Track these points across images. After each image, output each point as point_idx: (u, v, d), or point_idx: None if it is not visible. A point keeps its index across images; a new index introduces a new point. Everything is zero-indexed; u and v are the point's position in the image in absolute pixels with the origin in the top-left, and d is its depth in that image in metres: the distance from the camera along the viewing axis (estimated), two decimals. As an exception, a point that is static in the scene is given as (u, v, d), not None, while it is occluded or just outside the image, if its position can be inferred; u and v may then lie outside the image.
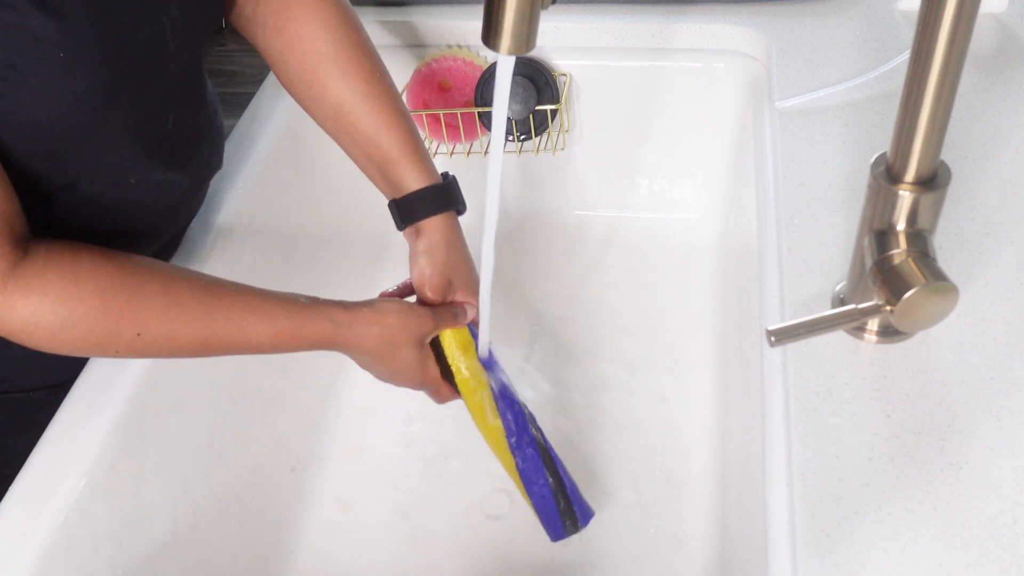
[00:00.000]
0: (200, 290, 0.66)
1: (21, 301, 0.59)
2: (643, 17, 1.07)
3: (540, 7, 0.56)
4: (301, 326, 0.68)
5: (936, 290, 0.58)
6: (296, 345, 0.69)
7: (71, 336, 0.61)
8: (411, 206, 0.78)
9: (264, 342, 0.68)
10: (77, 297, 0.60)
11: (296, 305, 0.69)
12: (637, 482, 0.92)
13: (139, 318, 0.63)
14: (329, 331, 0.69)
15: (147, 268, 0.65)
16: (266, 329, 0.67)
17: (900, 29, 1.00)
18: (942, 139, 0.58)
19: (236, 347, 0.67)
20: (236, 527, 0.85)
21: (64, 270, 0.61)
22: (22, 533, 0.64)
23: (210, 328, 0.65)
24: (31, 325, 0.60)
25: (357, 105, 0.77)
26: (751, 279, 0.83)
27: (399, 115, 0.79)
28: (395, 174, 0.78)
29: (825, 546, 0.56)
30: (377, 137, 0.78)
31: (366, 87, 0.78)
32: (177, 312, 0.64)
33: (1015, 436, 0.60)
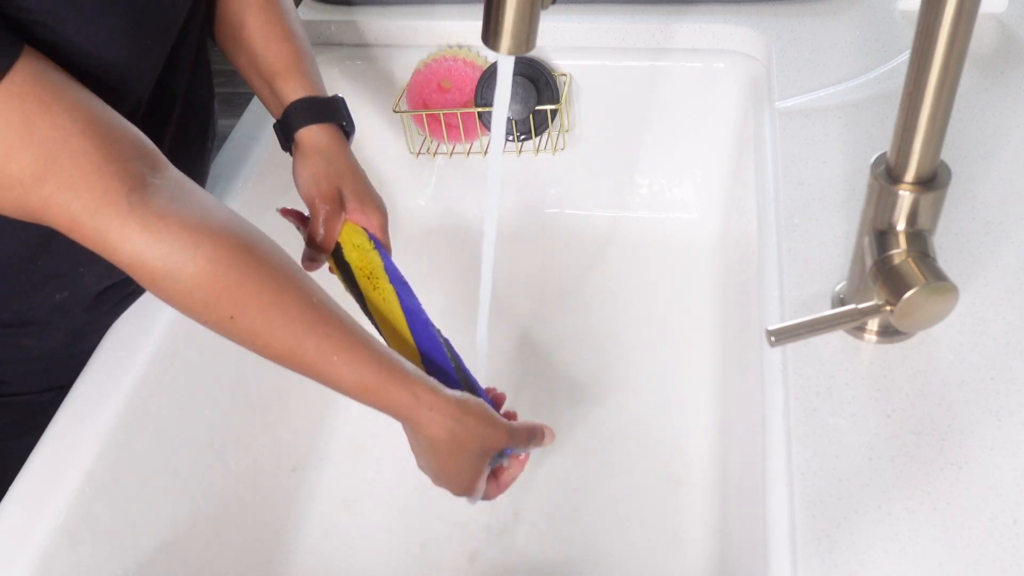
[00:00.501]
0: (308, 306, 0.63)
1: (137, 235, 0.57)
2: (643, 17, 1.07)
3: (540, 7, 0.56)
4: (385, 389, 0.66)
5: (936, 290, 0.58)
6: (372, 402, 0.67)
7: (171, 288, 0.60)
8: (289, 117, 0.78)
9: (341, 383, 0.65)
10: (190, 256, 0.58)
11: (389, 365, 0.66)
12: (637, 482, 0.92)
13: (239, 303, 0.61)
14: (408, 403, 0.66)
15: (271, 256, 0.63)
16: (351, 375, 0.65)
17: (900, 29, 1.00)
18: (942, 139, 0.58)
19: (317, 376, 0.65)
20: (236, 527, 0.85)
21: (188, 221, 0.59)
22: (22, 533, 0.64)
23: (301, 345, 0.63)
24: (138, 262, 0.58)
25: (249, 21, 0.79)
26: (751, 279, 0.83)
27: (289, 31, 0.80)
28: (278, 86, 0.78)
29: (825, 546, 0.56)
30: (265, 51, 0.79)
31: (260, 3, 0.80)
32: (277, 315, 0.62)
33: (1015, 436, 0.60)
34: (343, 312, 0.66)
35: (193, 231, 0.59)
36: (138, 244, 0.57)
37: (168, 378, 0.77)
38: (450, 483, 0.73)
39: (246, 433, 0.88)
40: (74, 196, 0.55)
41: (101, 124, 0.57)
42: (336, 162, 0.78)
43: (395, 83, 1.14)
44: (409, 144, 1.15)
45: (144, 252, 0.58)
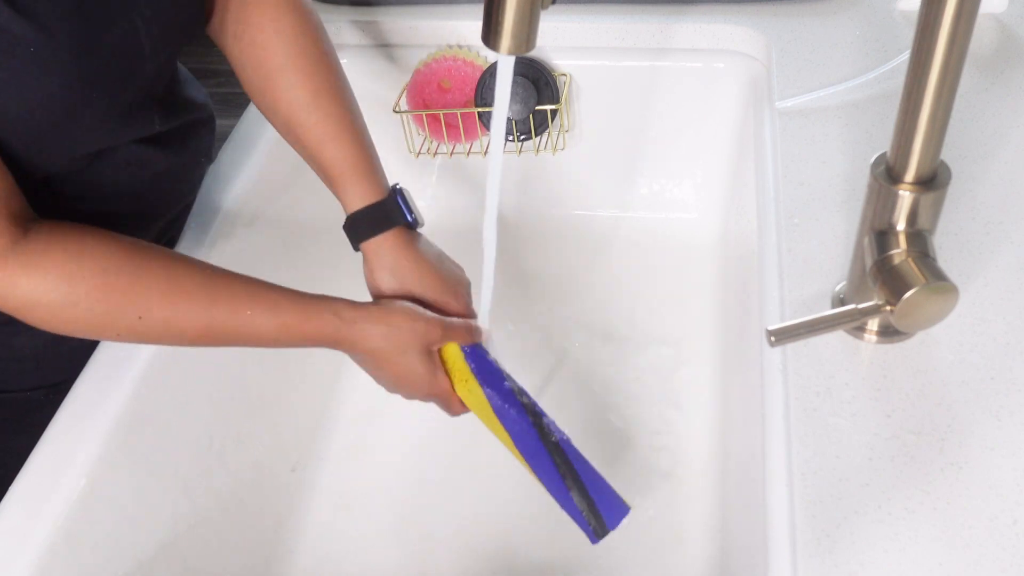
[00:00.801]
0: (204, 277, 0.65)
1: (23, 278, 0.59)
2: (643, 17, 1.07)
3: (540, 7, 0.56)
4: (305, 319, 0.67)
5: (936, 290, 0.58)
6: (299, 339, 0.68)
7: (72, 315, 0.61)
8: (352, 229, 0.76)
9: (266, 333, 0.67)
10: (79, 276, 0.60)
11: (302, 298, 0.68)
12: (637, 482, 0.92)
13: (141, 301, 0.62)
14: (333, 326, 0.68)
15: (152, 252, 0.65)
16: (269, 320, 0.66)
17: (900, 29, 1.00)
18: (942, 139, 0.58)
19: (238, 337, 0.67)
20: (236, 527, 0.85)
21: (68, 249, 0.61)
22: (22, 533, 0.64)
23: (212, 315, 0.65)
24: (32, 302, 0.60)
25: (303, 119, 0.75)
26: (751, 279, 0.83)
27: (345, 130, 0.76)
28: (339, 191, 0.76)
29: (825, 546, 0.56)
30: (322, 153, 0.75)
31: (312, 99, 0.75)
32: (180, 297, 0.64)
33: (1015, 436, 0.60)
34: (242, 275, 0.67)
35: (75, 254, 0.61)
36: (27, 285, 0.59)
37: (168, 378, 0.77)
38: (410, 389, 0.73)
39: (246, 433, 0.88)
40: None
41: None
42: (400, 270, 0.75)
43: (395, 83, 1.14)
44: (409, 144, 1.15)
45: (35, 290, 0.60)
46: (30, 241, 0.60)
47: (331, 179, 0.76)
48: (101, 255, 0.62)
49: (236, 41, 0.76)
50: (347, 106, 0.77)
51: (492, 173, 0.66)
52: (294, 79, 0.75)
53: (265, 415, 0.93)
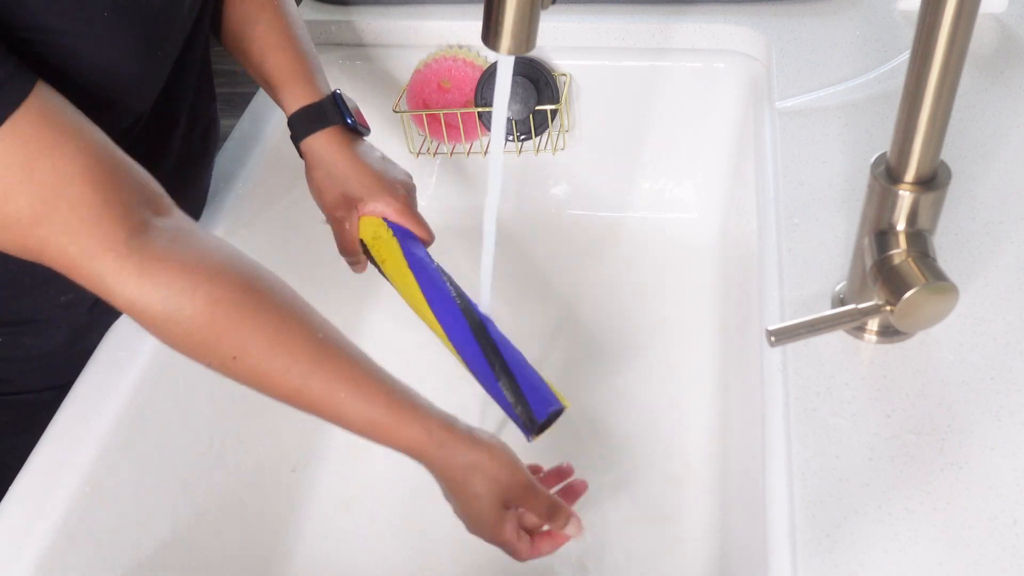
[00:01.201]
0: (313, 343, 0.62)
1: (134, 280, 0.57)
2: (643, 17, 1.07)
3: (540, 7, 0.56)
4: (395, 424, 0.63)
5: (936, 290, 0.58)
6: (383, 441, 0.64)
7: (171, 331, 0.59)
8: (292, 130, 0.78)
9: (353, 423, 0.64)
10: (189, 299, 0.58)
11: (400, 401, 0.64)
12: (637, 482, 0.92)
13: (242, 344, 0.60)
14: (420, 442, 0.64)
15: (273, 293, 0.62)
16: (360, 412, 0.63)
17: (900, 29, 1.00)
18: (942, 139, 0.58)
19: (324, 414, 0.64)
20: (236, 527, 0.85)
21: (186, 263, 0.58)
22: (22, 533, 0.64)
23: (307, 385, 0.62)
24: (137, 305, 0.58)
25: (248, 31, 0.79)
26: (751, 279, 0.83)
27: (288, 40, 0.79)
28: (279, 99, 0.79)
29: (825, 546, 0.56)
30: (263, 62, 0.78)
31: (257, 12, 0.79)
32: (281, 353, 0.61)
33: (1015, 436, 0.60)
34: (351, 347, 0.64)
35: (191, 273, 0.58)
36: (136, 289, 0.57)
37: (168, 378, 0.77)
38: (474, 527, 0.70)
39: (246, 433, 0.88)
40: (70, 240, 0.55)
41: (103, 168, 0.56)
42: (336, 167, 0.77)
43: (395, 83, 1.14)
44: (409, 144, 1.15)
45: (142, 296, 0.57)
46: (149, 238, 0.57)
47: (273, 87, 0.79)
48: (218, 283, 0.59)
49: None
50: (289, 18, 0.80)
51: (492, 173, 0.66)
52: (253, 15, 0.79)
53: (265, 415, 0.92)
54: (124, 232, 0.56)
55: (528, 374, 0.72)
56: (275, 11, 0.79)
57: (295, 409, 0.64)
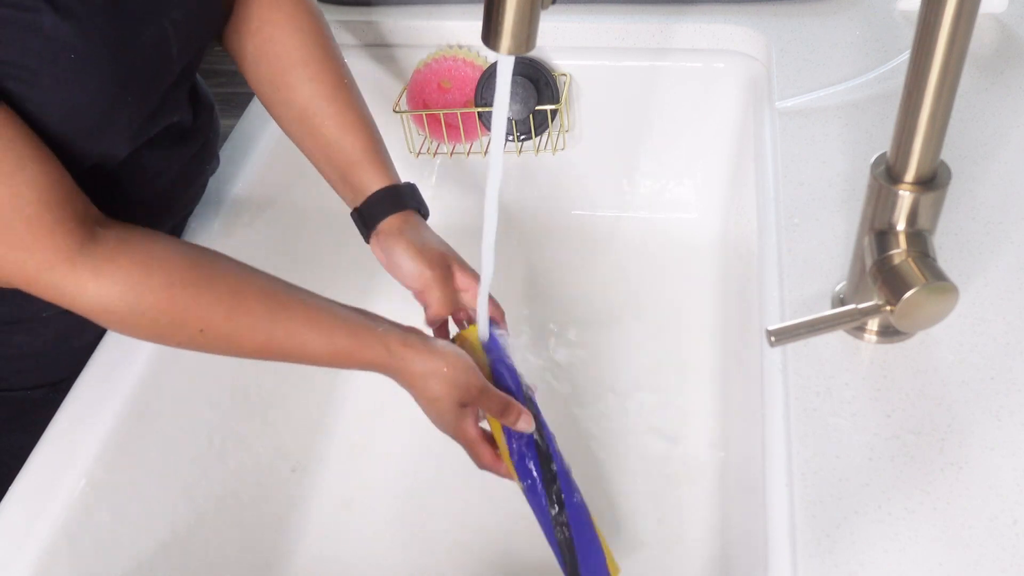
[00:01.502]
0: (268, 296, 0.67)
1: (91, 282, 0.61)
2: (643, 17, 1.07)
3: (540, 7, 0.56)
4: (358, 348, 0.69)
5: (936, 290, 0.58)
6: (350, 364, 0.70)
7: (137, 322, 0.63)
8: (372, 208, 0.78)
9: (320, 357, 0.69)
10: (146, 287, 0.62)
11: (357, 326, 0.69)
12: (637, 482, 0.92)
13: (204, 315, 0.64)
14: (383, 358, 0.69)
15: (218, 265, 0.66)
16: (324, 346, 0.68)
17: (900, 29, 1.00)
18: (942, 139, 0.58)
19: (293, 357, 0.68)
20: (236, 527, 0.85)
21: (135, 258, 0.62)
22: (22, 533, 0.64)
23: (271, 335, 0.66)
24: (100, 308, 0.62)
25: (323, 109, 0.79)
26: (751, 279, 0.83)
27: (363, 120, 0.80)
28: (356, 176, 0.79)
29: (825, 546, 0.56)
30: (340, 141, 0.79)
31: (332, 92, 0.79)
32: (242, 313, 0.65)
33: (1015, 436, 0.60)
34: (303, 292, 0.69)
35: (141, 264, 0.62)
36: (95, 290, 0.61)
37: (168, 378, 0.77)
38: (439, 425, 0.75)
39: (246, 433, 0.88)
40: (28, 255, 0.59)
41: (56, 190, 0.60)
42: (426, 235, 0.78)
43: (395, 83, 1.14)
44: (409, 144, 1.15)
45: (103, 297, 0.61)
46: (98, 244, 0.61)
47: (350, 164, 0.79)
48: (169, 267, 0.63)
49: (252, 37, 0.79)
50: (361, 100, 0.82)
51: (492, 173, 0.66)
52: (314, 72, 0.79)
53: (265, 415, 0.93)
54: (76, 242, 0.60)
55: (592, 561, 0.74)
56: (349, 93, 0.80)
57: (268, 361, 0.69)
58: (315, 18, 0.81)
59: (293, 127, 0.81)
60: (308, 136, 0.80)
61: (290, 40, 0.79)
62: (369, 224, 0.79)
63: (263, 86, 0.80)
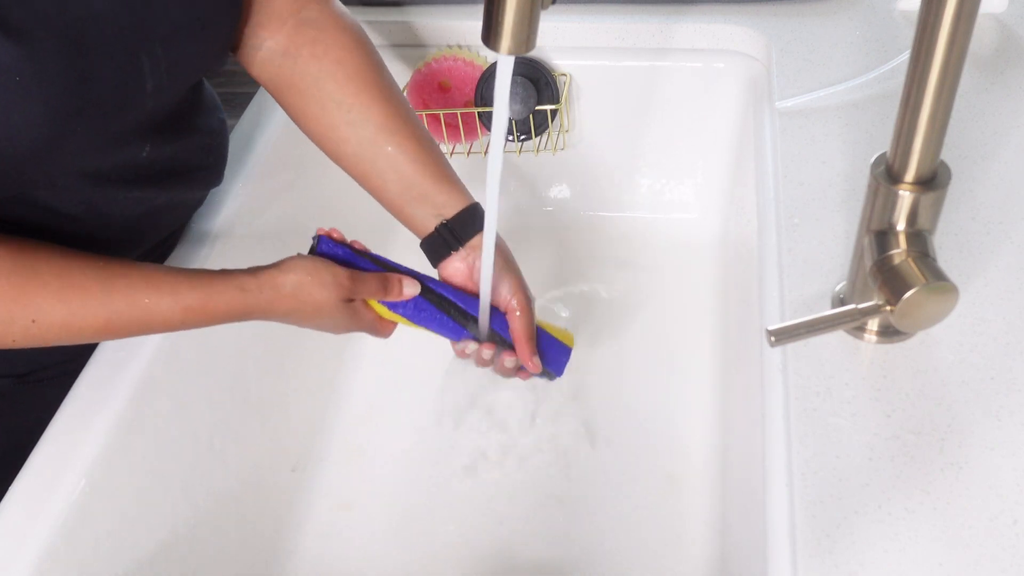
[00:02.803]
0: (98, 270, 0.63)
1: None
2: (643, 17, 1.07)
3: (540, 7, 0.56)
4: (208, 298, 0.65)
5: (936, 290, 0.58)
6: (207, 319, 0.66)
7: None
8: (464, 224, 0.76)
9: (171, 318, 0.65)
10: None
11: (202, 277, 0.65)
12: (637, 482, 0.92)
13: (33, 303, 0.60)
14: (239, 300, 0.66)
15: (43, 252, 0.62)
16: (172, 305, 0.64)
17: (900, 29, 1.00)
18: (942, 139, 0.58)
19: (141, 326, 0.65)
20: (236, 527, 0.85)
21: None
22: (22, 533, 0.64)
23: (110, 308, 0.62)
24: None
25: (400, 127, 0.76)
26: (751, 279, 0.83)
27: (431, 138, 0.78)
28: (444, 194, 0.76)
29: (825, 546, 0.56)
30: (422, 159, 0.76)
31: (405, 110, 0.77)
32: (73, 294, 0.61)
33: (1015, 436, 0.60)
34: (137, 263, 0.65)
35: None
36: None
37: (168, 378, 0.77)
38: (338, 330, 0.73)
39: (246, 433, 0.88)
40: None
41: None
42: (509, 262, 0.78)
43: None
44: (409, 144, 1.15)
45: None
46: None
47: (439, 180, 0.76)
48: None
49: (317, 61, 0.75)
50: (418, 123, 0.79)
51: (492, 173, 0.66)
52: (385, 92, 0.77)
53: (265, 415, 0.93)
54: None
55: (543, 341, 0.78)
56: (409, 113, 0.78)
57: (118, 339, 0.65)
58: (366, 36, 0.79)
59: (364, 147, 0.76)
60: (381, 157, 0.76)
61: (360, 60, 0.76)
62: (462, 238, 0.76)
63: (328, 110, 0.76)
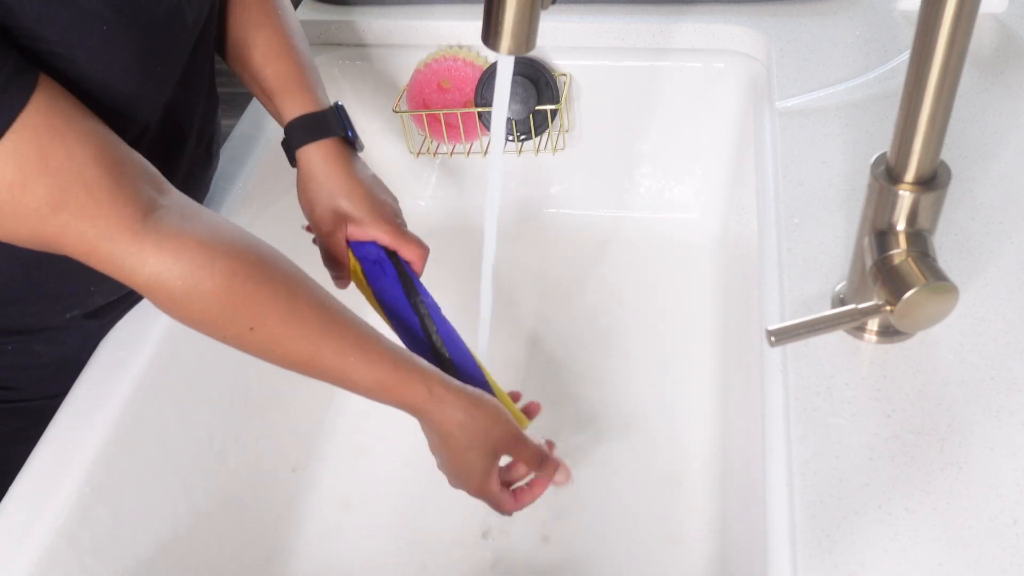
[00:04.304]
0: (323, 310, 0.65)
1: (154, 255, 0.58)
2: (643, 17, 1.07)
3: (540, 7, 0.56)
4: (400, 383, 0.67)
5: (936, 290, 0.58)
6: (388, 399, 0.68)
7: (190, 305, 0.61)
8: (289, 136, 0.77)
9: (360, 384, 0.67)
10: (208, 272, 0.60)
11: (402, 361, 0.67)
12: (637, 482, 0.92)
13: (259, 314, 0.62)
14: (422, 398, 0.67)
15: (279, 265, 0.64)
16: (368, 373, 0.66)
17: (900, 29, 1.00)
18: (942, 139, 0.58)
19: (335, 378, 0.67)
20: (236, 527, 0.85)
21: (201, 239, 0.60)
22: (22, 533, 0.64)
23: (319, 350, 0.64)
24: (157, 282, 0.59)
25: (251, 37, 0.78)
26: (751, 279, 0.83)
27: (289, 48, 0.79)
28: (277, 104, 0.78)
29: (825, 546, 0.56)
30: (264, 68, 0.78)
31: (261, 19, 0.79)
32: (295, 321, 0.63)
33: (1015, 436, 0.60)
34: (353, 314, 0.67)
35: (207, 248, 0.60)
36: (156, 266, 0.58)
37: (167, 379, 0.77)
38: (461, 480, 0.73)
39: (246, 433, 0.88)
40: (89, 224, 0.56)
41: (111, 153, 0.58)
42: (332, 181, 0.77)
43: (395, 83, 1.14)
44: (409, 144, 1.15)
45: (163, 273, 0.59)
46: (163, 216, 0.59)
47: (272, 93, 0.78)
48: (234, 256, 0.61)
49: None
50: (291, 29, 0.81)
51: (492, 173, 0.66)
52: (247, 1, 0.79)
53: (265, 415, 0.93)
54: (140, 212, 0.58)
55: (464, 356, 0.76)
56: (278, 20, 0.80)
57: (306, 376, 0.67)
58: None
59: (233, 63, 0.80)
60: (242, 68, 0.80)
61: None
62: (289, 152, 0.78)
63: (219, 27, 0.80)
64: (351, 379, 0.66)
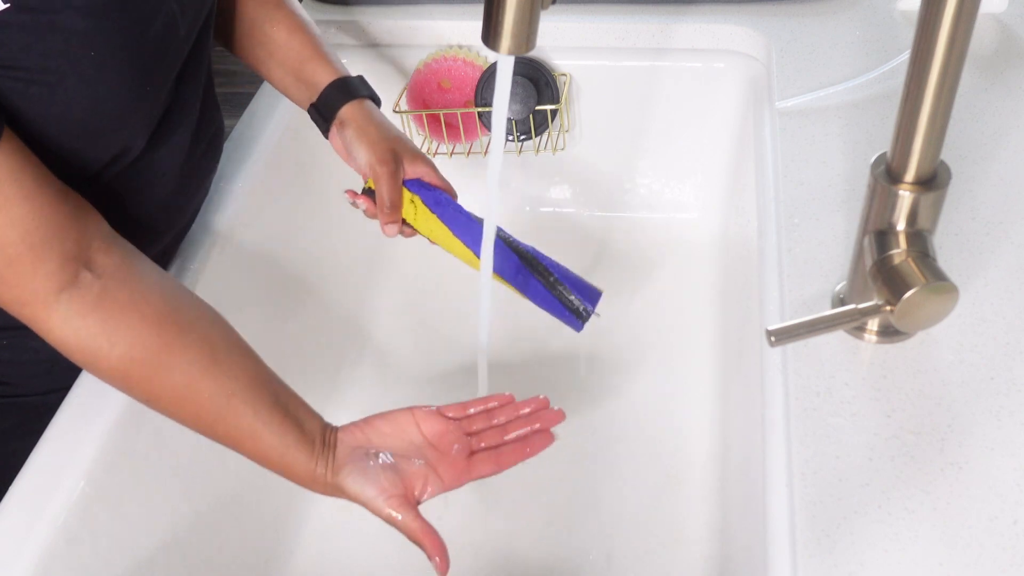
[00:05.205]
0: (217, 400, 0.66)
1: (59, 328, 0.62)
2: (643, 17, 1.07)
3: (540, 7, 0.56)
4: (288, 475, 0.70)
5: (936, 290, 0.58)
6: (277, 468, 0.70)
7: (90, 370, 0.65)
8: (329, 98, 0.82)
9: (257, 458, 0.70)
10: (105, 356, 0.63)
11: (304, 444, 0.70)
12: (637, 482, 0.92)
13: (151, 396, 0.66)
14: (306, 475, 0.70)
15: (187, 352, 0.65)
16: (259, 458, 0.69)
17: (900, 29, 1.00)
18: (942, 139, 0.58)
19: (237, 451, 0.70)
20: (236, 527, 0.85)
21: (108, 320, 0.63)
22: (22, 533, 0.64)
23: (212, 431, 0.68)
24: (63, 349, 0.63)
25: (271, 15, 0.84)
26: (751, 279, 0.83)
27: (310, 25, 0.86)
28: (308, 72, 0.83)
29: (825, 546, 0.56)
30: (290, 41, 0.84)
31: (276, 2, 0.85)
32: (188, 406, 0.66)
33: (1015, 436, 0.60)
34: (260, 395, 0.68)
35: (112, 331, 0.63)
36: (60, 336, 0.63)
37: (168, 378, 0.77)
38: None
39: (246, 433, 0.88)
40: (7, 289, 0.61)
41: (43, 230, 0.60)
42: (383, 128, 0.82)
43: (395, 83, 1.14)
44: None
45: (66, 343, 0.63)
46: (78, 294, 0.62)
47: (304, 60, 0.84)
48: (134, 340, 0.63)
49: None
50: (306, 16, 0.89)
51: (492, 173, 0.66)
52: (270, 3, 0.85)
53: (265, 415, 0.92)
54: (54, 287, 0.61)
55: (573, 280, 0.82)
56: (292, 6, 0.86)
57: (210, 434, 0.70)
58: None
59: (244, 40, 0.84)
60: (257, 44, 0.84)
61: None
62: (327, 116, 0.82)
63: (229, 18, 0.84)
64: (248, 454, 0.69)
